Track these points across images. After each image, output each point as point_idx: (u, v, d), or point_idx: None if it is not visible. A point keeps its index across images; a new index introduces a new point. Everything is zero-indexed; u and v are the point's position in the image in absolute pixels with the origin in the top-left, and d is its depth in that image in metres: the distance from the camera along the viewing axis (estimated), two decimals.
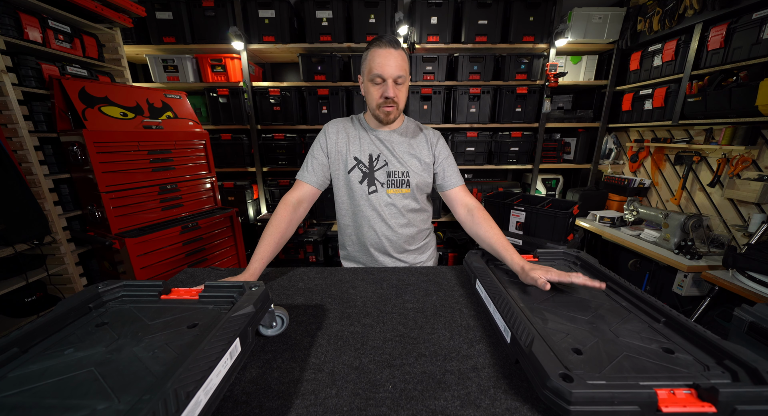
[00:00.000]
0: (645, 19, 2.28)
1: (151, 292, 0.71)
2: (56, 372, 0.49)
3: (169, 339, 0.57)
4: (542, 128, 2.69)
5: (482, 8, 2.42)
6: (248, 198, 2.76)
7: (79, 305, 0.65)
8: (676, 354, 0.55)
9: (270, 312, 0.70)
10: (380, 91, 1.01)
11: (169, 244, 1.75)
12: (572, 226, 1.98)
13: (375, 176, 1.11)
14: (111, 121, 1.61)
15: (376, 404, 0.54)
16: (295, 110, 2.62)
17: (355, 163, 1.10)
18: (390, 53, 0.98)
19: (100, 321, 0.64)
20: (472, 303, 0.87)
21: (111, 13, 1.84)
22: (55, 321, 0.60)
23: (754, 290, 1.46)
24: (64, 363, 0.52)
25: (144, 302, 0.70)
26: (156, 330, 0.60)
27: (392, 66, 0.98)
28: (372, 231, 1.14)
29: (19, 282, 1.46)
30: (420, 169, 1.11)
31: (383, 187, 1.11)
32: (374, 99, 1.03)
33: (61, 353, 0.54)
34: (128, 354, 0.54)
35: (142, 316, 0.65)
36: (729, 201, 2.03)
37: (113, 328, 0.61)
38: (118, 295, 0.72)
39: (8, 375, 0.49)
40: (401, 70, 0.99)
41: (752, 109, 1.65)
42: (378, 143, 1.12)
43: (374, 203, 1.11)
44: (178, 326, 0.61)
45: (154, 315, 0.65)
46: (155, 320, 0.63)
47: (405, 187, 1.12)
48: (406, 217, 1.14)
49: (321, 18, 2.42)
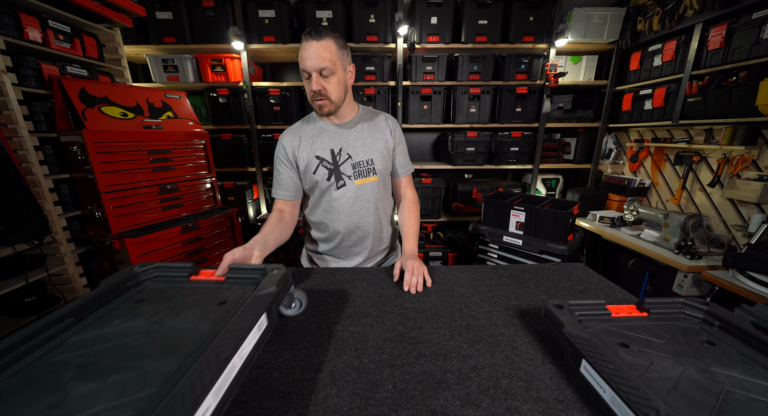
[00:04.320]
0: (645, 19, 2.28)
1: (182, 273, 0.80)
2: (109, 339, 0.58)
3: (202, 314, 0.65)
4: (542, 128, 2.69)
5: (482, 8, 2.42)
6: (248, 198, 2.76)
7: (119, 284, 0.74)
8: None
9: (290, 293, 0.75)
10: (309, 85, 0.98)
11: (169, 244, 1.75)
12: (572, 226, 1.98)
13: (341, 171, 1.09)
14: (111, 121, 1.61)
15: (376, 404, 0.54)
16: (295, 110, 2.62)
17: (318, 162, 1.07)
18: (311, 46, 0.93)
19: (140, 298, 0.72)
20: (472, 303, 0.87)
21: (111, 13, 1.84)
22: (99, 297, 0.69)
23: (754, 290, 1.46)
24: (114, 332, 0.61)
25: (176, 281, 0.79)
26: (190, 306, 0.69)
27: (312, 59, 0.93)
28: (344, 225, 1.13)
29: (19, 282, 1.46)
30: (384, 153, 1.13)
31: (350, 179, 1.10)
32: (308, 94, 1.01)
33: (110, 323, 0.63)
34: (168, 326, 0.62)
35: (175, 294, 0.74)
36: (729, 201, 2.03)
37: (151, 304, 0.70)
38: (153, 275, 0.81)
39: (69, 340, 0.58)
40: (324, 62, 0.93)
41: (752, 109, 1.65)
42: (337, 138, 1.09)
43: (342, 196, 1.10)
44: (209, 303, 0.69)
45: (187, 293, 0.74)
46: (188, 297, 0.72)
47: (372, 175, 1.11)
48: (376, 206, 1.15)
49: (321, 18, 2.42)
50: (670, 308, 0.73)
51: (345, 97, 1.04)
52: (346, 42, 1.01)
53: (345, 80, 1.01)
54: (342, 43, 0.98)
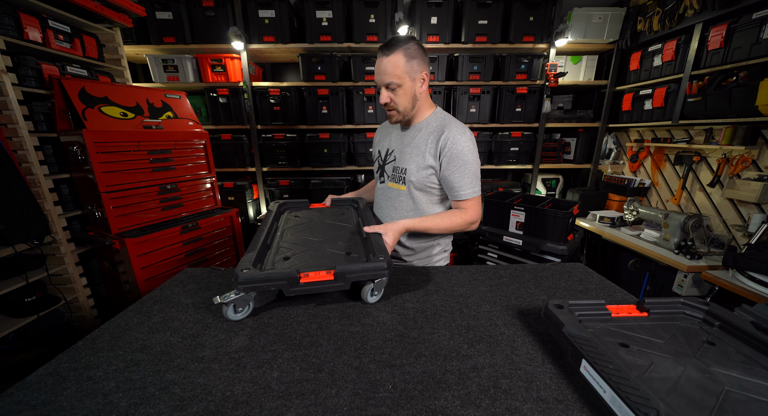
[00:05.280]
0: (645, 19, 2.28)
1: (305, 205, 1.34)
2: (305, 224, 1.16)
3: (336, 216, 1.22)
4: (542, 128, 2.69)
5: (482, 8, 2.42)
6: (248, 198, 2.76)
7: (277, 212, 1.23)
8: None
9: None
10: (379, 96, 1.06)
11: (169, 244, 1.75)
12: (572, 226, 1.98)
13: (385, 169, 1.20)
14: (111, 121, 1.60)
15: (376, 404, 0.54)
16: (295, 110, 2.62)
17: (377, 155, 1.25)
18: (380, 61, 1.00)
19: (297, 214, 1.27)
20: (472, 303, 0.87)
21: (111, 13, 1.84)
22: (276, 214, 1.21)
23: (754, 290, 1.46)
24: (304, 221, 1.19)
25: (305, 208, 1.33)
26: (327, 215, 1.23)
27: (380, 74, 1.01)
28: (381, 216, 1.26)
29: (19, 282, 1.46)
30: (417, 169, 1.09)
31: (388, 179, 1.19)
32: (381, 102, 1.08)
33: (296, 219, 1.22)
34: (325, 220, 1.19)
35: (311, 212, 1.29)
36: (729, 201, 2.03)
37: (304, 214, 1.26)
38: (288, 208, 1.32)
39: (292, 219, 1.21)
40: (390, 77, 1.00)
41: (752, 109, 1.65)
42: (396, 140, 1.17)
43: (381, 192, 1.23)
44: (335, 213, 1.26)
45: (316, 212, 1.29)
46: (321, 213, 1.27)
47: (402, 183, 1.14)
48: (399, 215, 1.17)
49: (321, 18, 2.42)
50: (670, 308, 0.73)
51: (414, 105, 1.08)
52: (419, 48, 1.02)
53: (413, 90, 1.04)
54: (412, 52, 1.00)
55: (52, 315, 1.59)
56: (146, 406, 0.54)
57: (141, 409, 0.54)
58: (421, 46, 1.03)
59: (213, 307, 0.85)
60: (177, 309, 0.84)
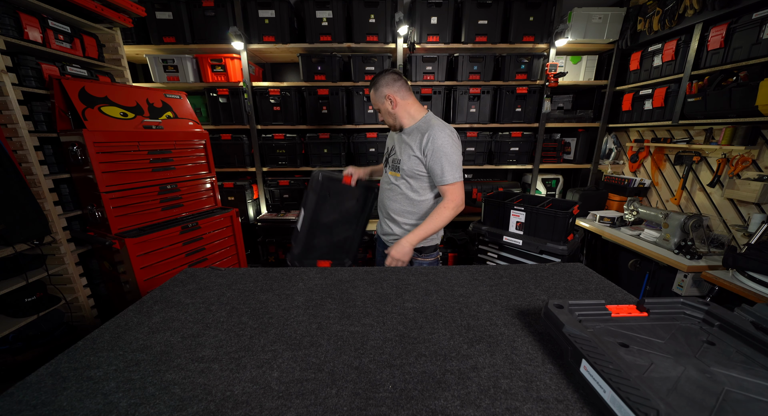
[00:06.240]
0: (645, 19, 2.28)
1: (339, 175, 1.50)
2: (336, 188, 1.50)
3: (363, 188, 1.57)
4: (542, 128, 2.69)
5: (482, 8, 2.42)
6: (248, 198, 2.76)
7: (321, 183, 1.45)
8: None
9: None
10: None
11: (169, 244, 1.75)
12: (572, 226, 1.98)
13: (388, 161, 1.50)
14: (111, 121, 1.60)
15: (376, 404, 0.54)
16: (295, 110, 2.62)
17: (385, 152, 1.56)
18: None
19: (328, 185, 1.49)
20: (472, 303, 0.87)
21: (111, 13, 1.84)
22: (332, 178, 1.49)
23: (754, 290, 1.46)
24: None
25: (340, 178, 1.50)
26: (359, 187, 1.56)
27: (372, 103, 1.46)
28: (382, 197, 1.55)
29: (19, 282, 1.45)
30: (407, 159, 1.37)
31: (389, 168, 1.48)
32: None
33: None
34: (359, 188, 1.56)
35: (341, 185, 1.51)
36: (729, 201, 2.03)
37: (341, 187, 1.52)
38: (324, 178, 1.45)
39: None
40: (374, 105, 1.42)
41: (752, 109, 1.65)
42: (397, 139, 1.47)
43: (385, 178, 1.53)
44: (359, 187, 1.56)
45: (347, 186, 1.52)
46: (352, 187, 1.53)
47: (397, 171, 1.43)
48: (396, 193, 1.46)
49: (321, 18, 2.42)
50: (670, 308, 0.73)
51: (395, 118, 1.39)
52: (386, 78, 1.34)
53: (387, 109, 1.38)
54: (377, 85, 1.35)
55: (52, 314, 1.59)
56: (146, 406, 0.54)
57: (141, 409, 0.54)
58: (389, 75, 1.34)
59: (213, 307, 0.85)
60: (177, 309, 0.84)
